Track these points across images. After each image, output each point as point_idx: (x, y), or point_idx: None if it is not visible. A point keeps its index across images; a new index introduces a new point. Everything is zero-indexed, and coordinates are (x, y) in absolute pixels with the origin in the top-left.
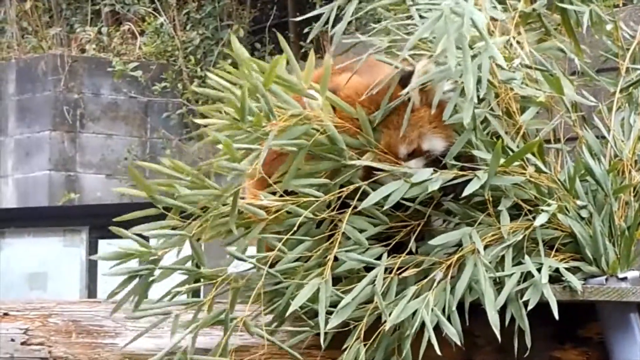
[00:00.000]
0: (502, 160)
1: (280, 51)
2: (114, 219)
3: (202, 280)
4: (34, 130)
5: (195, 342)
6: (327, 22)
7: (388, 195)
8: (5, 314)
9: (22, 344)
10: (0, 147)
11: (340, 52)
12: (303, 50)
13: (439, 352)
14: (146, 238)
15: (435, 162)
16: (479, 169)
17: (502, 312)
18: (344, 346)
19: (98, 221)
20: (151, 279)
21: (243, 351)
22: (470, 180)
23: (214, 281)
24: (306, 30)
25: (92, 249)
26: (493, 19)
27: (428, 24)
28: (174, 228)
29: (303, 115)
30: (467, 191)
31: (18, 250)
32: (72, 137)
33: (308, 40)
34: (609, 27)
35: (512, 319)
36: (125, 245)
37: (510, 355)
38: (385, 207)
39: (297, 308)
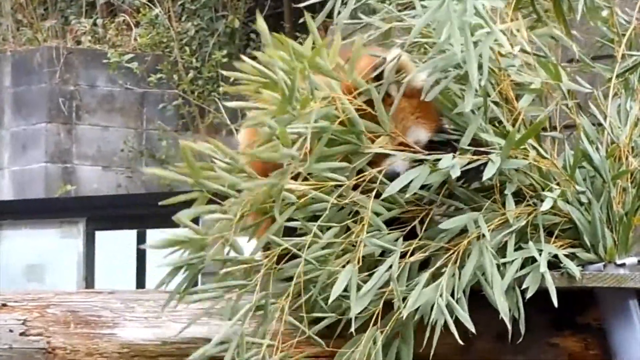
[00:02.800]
0: None
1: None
2: (161, 203)
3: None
4: (30, 122)
5: (245, 323)
6: (329, 15)
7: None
8: (4, 305)
9: (21, 334)
10: None
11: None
12: (298, 40)
13: (460, 341)
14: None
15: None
16: (491, 153)
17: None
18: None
19: (95, 212)
20: (201, 267)
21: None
22: (482, 164)
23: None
24: (302, 20)
25: (90, 240)
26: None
27: (430, 12)
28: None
29: (331, 97)
30: (487, 175)
31: (15, 242)
32: (68, 129)
33: (316, 26)
34: (604, 13)
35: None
36: (174, 233)
37: (508, 341)
38: (407, 195)
39: (317, 294)
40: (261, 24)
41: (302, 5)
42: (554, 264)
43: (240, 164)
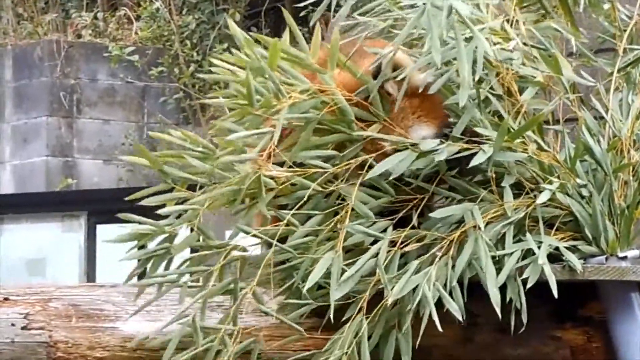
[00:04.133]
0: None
1: (276, 34)
2: (127, 199)
3: (210, 250)
4: (30, 116)
5: (205, 310)
6: (329, 8)
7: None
8: (6, 299)
9: (23, 328)
10: None
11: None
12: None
13: (440, 329)
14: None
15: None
16: (484, 144)
17: (502, 290)
18: (344, 317)
19: (96, 206)
20: (168, 257)
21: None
22: (474, 153)
23: (223, 250)
24: (302, 13)
25: (91, 234)
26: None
27: (413, 20)
28: (183, 201)
29: (312, 90)
30: (473, 163)
31: (17, 236)
32: (69, 122)
33: (312, 23)
34: (606, 7)
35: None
36: (137, 227)
37: (510, 334)
38: (390, 178)
39: (299, 282)
40: (233, 27)
41: (302, 4)
42: (555, 256)
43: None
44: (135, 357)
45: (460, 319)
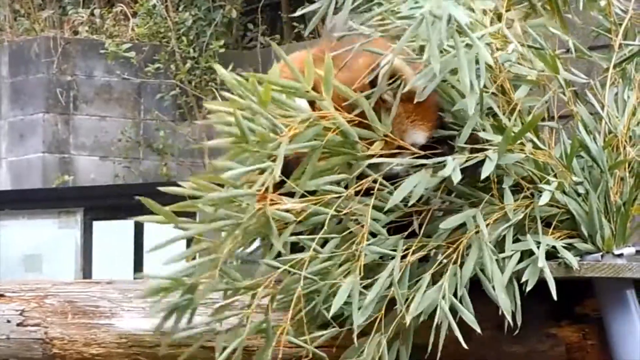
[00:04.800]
0: None
1: (273, 31)
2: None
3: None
4: (27, 112)
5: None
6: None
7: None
8: (1, 295)
9: (18, 325)
10: None
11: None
12: (296, 30)
13: (464, 345)
14: None
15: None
16: (486, 150)
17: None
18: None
19: (93, 203)
20: (192, 307)
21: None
22: (479, 161)
23: (254, 291)
24: (299, 11)
25: (87, 230)
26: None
27: (412, 29)
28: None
29: (312, 118)
30: (485, 173)
31: (13, 232)
32: (66, 119)
33: (306, 34)
34: (602, 3)
35: None
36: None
37: (505, 331)
38: (411, 202)
39: (320, 306)
40: (221, 71)
41: (301, 13)
42: (551, 254)
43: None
44: (131, 354)
45: (478, 329)
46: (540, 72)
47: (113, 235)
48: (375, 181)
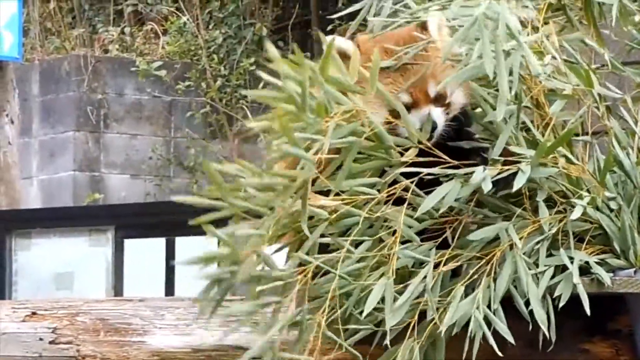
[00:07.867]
0: None
1: (303, 49)
2: (191, 222)
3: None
4: (58, 131)
5: (278, 343)
6: (351, 18)
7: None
8: (33, 313)
9: (50, 343)
10: (24, 148)
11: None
12: None
13: (499, 353)
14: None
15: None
16: (519, 162)
17: (528, 305)
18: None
19: (124, 221)
20: (233, 281)
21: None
22: (511, 174)
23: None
24: (329, 27)
25: (118, 248)
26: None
27: (463, 30)
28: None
29: (354, 111)
30: (517, 185)
31: (44, 250)
32: (96, 137)
33: (346, 37)
34: (637, 18)
35: None
36: (206, 249)
37: (539, 348)
38: (442, 210)
39: (352, 307)
40: (271, 50)
41: (334, 16)
42: (584, 269)
43: (266, 181)
44: None
45: (512, 340)
46: (576, 86)
47: (144, 253)
48: (407, 188)
